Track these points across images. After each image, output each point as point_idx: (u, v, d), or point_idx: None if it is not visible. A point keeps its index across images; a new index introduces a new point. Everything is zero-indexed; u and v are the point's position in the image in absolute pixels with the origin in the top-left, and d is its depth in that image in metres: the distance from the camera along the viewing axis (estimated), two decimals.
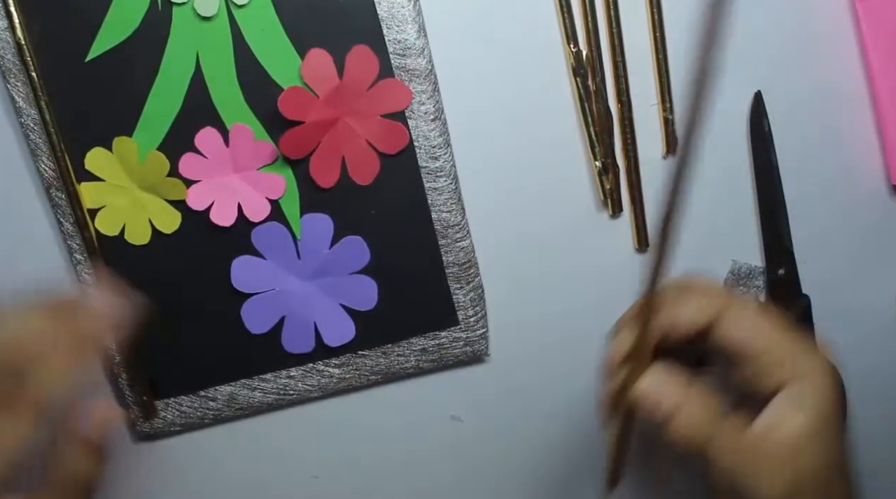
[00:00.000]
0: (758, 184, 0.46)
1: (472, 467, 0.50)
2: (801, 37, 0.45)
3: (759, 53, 0.45)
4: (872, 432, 0.52)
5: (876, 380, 0.51)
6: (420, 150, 0.43)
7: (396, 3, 0.41)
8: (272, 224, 0.43)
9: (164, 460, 0.48)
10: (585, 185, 0.46)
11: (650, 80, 0.44)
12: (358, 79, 0.41)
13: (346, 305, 0.45)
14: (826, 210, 0.48)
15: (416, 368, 0.46)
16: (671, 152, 0.45)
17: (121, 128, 0.42)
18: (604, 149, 0.44)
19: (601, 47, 0.43)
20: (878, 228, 0.48)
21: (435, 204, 0.44)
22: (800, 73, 0.45)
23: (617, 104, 0.44)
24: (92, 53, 0.41)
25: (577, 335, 0.48)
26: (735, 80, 0.45)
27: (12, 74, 0.40)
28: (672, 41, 0.44)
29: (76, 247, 0.43)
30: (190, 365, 0.45)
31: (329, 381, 0.46)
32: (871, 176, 0.47)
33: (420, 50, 0.41)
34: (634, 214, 0.46)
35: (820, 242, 0.48)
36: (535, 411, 0.49)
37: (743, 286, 0.48)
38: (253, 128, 0.42)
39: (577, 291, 0.47)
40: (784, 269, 0.47)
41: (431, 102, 0.42)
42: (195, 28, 0.41)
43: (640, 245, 0.46)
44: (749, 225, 0.47)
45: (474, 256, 0.45)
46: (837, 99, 0.46)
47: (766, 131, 0.45)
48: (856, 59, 0.45)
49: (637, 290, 0.48)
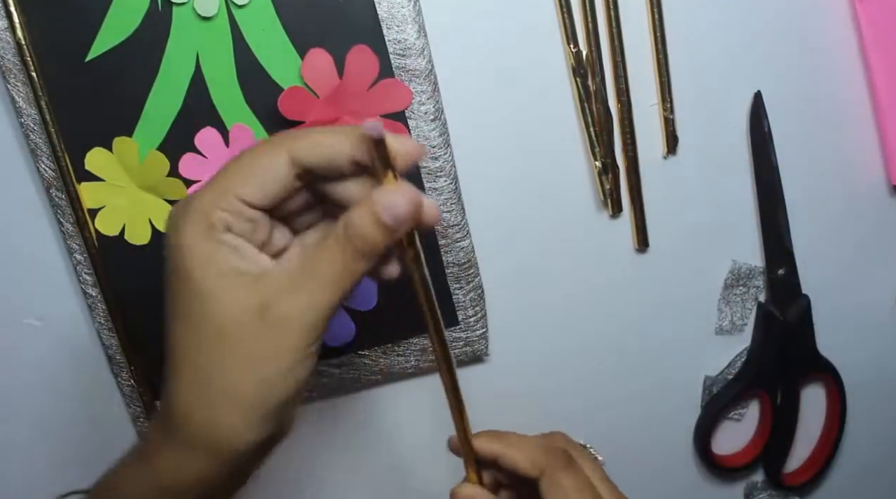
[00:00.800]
0: (758, 184, 0.46)
1: None
2: (801, 37, 0.45)
3: (759, 53, 0.45)
4: (872, 431, 0.53)
5: (876, 380, 0.51)
6: None
7: (396, 3, 0.41)
8: None
9: None
10: (585, 185, 0.46)
11: (650, 80, 0.44)
12: (358, 79, 0.41)
13: (346, 305, 0.45)
14: (826, 210, 0.48)
15: (416, 368, 0.46)
16: (671, 152, 0.45)
17: (121, 128, 0.42)
18: (604, 149, 0.44)
19: (601, 47, 0.43)
20: (878, 227, 0.48)
21: None
22: (800, 73, 0.45)
23: (617, 104, 0.44)
24: (92, 53, 0.41)
25: (577, 335, 0.48)
26: (735, 80, 0.45)
27: (12, 74, 0.40)
28: (672, 41, 0.44)
29: (76, 247, 0.43)
30: None
31: (329, 381, 0.46)
32: (870, 176, 0.47)
33: (420, 50, 0.41)
34: (634, 214, 0.46)
35: (820, 242, 0.48)
36: (534, 412, 0.49)
37: (743, 286, 0.48)
38: (253, 128, 0.42)
39: (577, 291, 0.47)
40: (784, 269, 0.47)
41: (431, 102, 0.42)
42: (195, 28, 0.41)
43: (639, 245, 0.46)
44: (749, 225, 0.47)
45: (474, 256, 0.45)
46: (837, 99, 0.46)
47: (766, 131, 0.45)
48: (855, 59, 0.45)
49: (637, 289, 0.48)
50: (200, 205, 0.28)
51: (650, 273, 0.47)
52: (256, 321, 0.28)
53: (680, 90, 0.44)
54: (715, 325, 0.49)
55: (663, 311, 0.48)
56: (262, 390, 0.28)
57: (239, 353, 0.28)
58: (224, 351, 0.28)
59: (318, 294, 0.28)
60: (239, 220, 0.28)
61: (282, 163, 0.28)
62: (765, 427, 0.50)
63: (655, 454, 0.51)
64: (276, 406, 0.28)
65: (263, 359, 0.28)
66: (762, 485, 0.52)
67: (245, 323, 0.28)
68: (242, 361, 0.28)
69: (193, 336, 0.28)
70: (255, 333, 0.28)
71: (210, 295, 0.28)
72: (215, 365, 0.28)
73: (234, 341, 0.28)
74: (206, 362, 0.28)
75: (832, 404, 0.51)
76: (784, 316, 0.48)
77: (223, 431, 0.28)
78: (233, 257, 0.28)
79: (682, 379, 0.50)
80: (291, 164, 0.28)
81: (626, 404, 0.50)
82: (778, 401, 0.49)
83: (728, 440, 0.51)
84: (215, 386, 0.28)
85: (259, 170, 0.28)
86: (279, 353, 0.28)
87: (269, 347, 0.28)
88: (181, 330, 0.29)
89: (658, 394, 0.50)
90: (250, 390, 0.28)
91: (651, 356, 0.49)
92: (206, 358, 0.28)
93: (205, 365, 0.28)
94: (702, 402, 0.50)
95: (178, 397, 0.29)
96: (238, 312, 0.28)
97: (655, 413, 0.50)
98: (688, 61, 0.44)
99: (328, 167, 0.29)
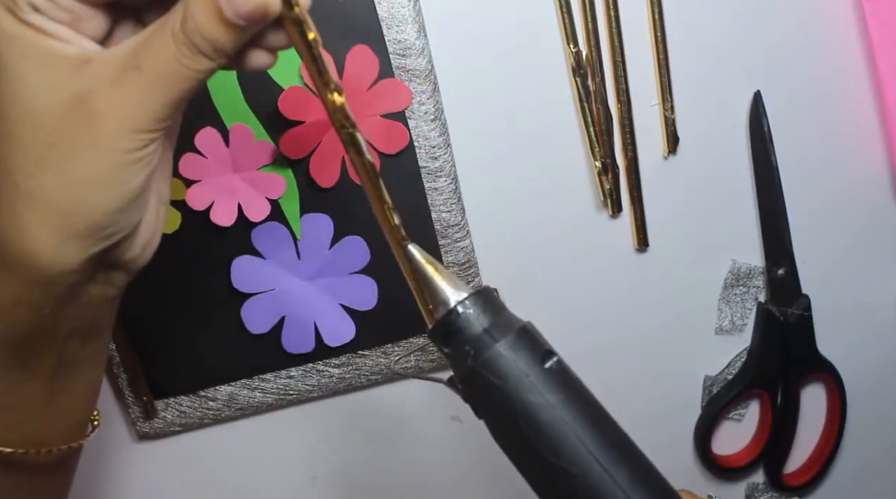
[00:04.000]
0: (758, 184, 0.46)
1: (472, 466, 0.50)
2: (801, 37, 0.45)
3: (759, 53, 0.45)
4: (872, 431, 0.53)
5: (876, 379, 0.51)
6: (420, 150, 0.43)
7: (396, 3, 0.41)
8: (272, 224, 0.43)
9: (164, 460, 0.48)
10: (585, 185, 0.46)
11: (650, 80, 0.44)
12: (358, 79, 0.41)
13: (346, 305, 0.45)
14: (826, 210, 0.48)
15: (416, 368, 0.46)
16: (672, 152, 0.45)
17: None
18: (604, 149, 0.44)
19: (601, 47, 0.43)
20: (878, 227, 0.48)
21: (435, 204, 0.44)
22: (800, 73, 0.45)
23: (617, 104, 0.44)
24: None
25: (577, 335, 0.48)
26: (735, 80, 0.45)
27: None
28: (672, 41, 0.44)
29: None
30: (190, 365, 0.45)
31: (329, 381, 0.46)
32: (871, 176, 0.47)
33: (420, 50, 0.41)
34: (634, 214, 0.46)
35: (820, 242, 0.48)
36: None
37: (743, 286, 0.48)
38: (253, 128, 0.42)
39: (577, 291, 0.47)
40: (784, 269, 0.47)
41: (431, 102, 0.42)
42: None
43: (639, 245, 0.46)
44: (749, 225, 0.47)
45: (474, 256, 0.45)
46: (838, 99, 0.46)
47: (766, 131, 0.45)
48: (855, 58, 0.45)
49: (637, 289, 0.48)
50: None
51: (650, 273, 0.47)
52: (72, 113, 0.24)
53: (680, 90, 0.44)
54: (715, 325, 0.49)
55: (663, 311, 0.48)
56: (74, 195, 0.24)
57: (50, 149, 0.24)
58: (34, 146, 0.24)
59: (145, 90, 0.24)
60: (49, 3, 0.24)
61: None
62: (765, 427, 0.50)
63: (655, 454, 0.50)
64: (95, 219, 0.24)
65: (77, 159, 0.24)
66: (762, 485, 0.52)
67: (58, 113, 0.24)
68: (53, 159, 0.24)
69: (5, 134, 0.24)
70: (69, 128, 0.24)
71: (20, 78, 0.24)
72: (25, 164, 0.24)
73: (44, 135, 0.24)
74: (17, 160, 0.24)
75: (832, 404, 0.51)
76: (784, 316, 0.48)
77: (31, 246, 0.24)
78: (46, 40, 0.24)
79: (681, 379, 0.50)
80: None
81: (626, 404, 0.49)
82: (778, 401, 0.49)
83: (728, 440, 0.51)
84: (24, 188, 0.24)
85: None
86: (96, 153, 0.24)
87: (84, 145, 0.24)
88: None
89: (658, 394, 0.50)
90: (60, 195, 0.24)
91: (651, 356, 0.49)
92: (18, 159, 0.24)
93: (15, 164, 0.24)
94: (702, 402, 0.50)
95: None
96: (50, 99, 0.24)
97: (655, 413, 0.50)
98: (688, 61, 0.44)
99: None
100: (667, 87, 0.44)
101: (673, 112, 0.44)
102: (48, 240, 0.24)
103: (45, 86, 0.24)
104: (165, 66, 0.24)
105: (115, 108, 0.24)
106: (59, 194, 0.24)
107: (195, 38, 0.24)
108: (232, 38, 0.24)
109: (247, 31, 0.24)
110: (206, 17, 0.24)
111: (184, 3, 0.24)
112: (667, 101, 0.44)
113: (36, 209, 0.24)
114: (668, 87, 0.44)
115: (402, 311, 0.45)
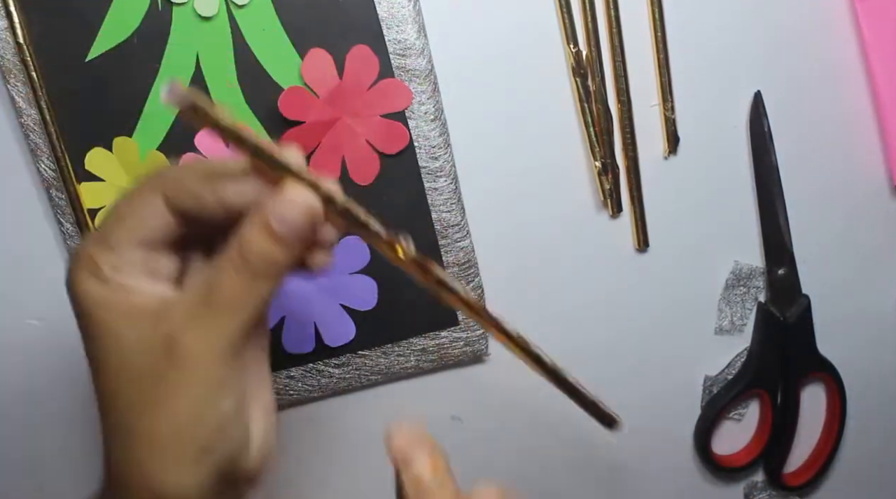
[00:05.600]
0: (758, 184, 0.46)
1: (472, 467, 0.50)
2: (801, 37, 0.45)
3: (759, 53, 0.45)
4: (872, 431, 0.52)
5: (876, 379, 0.51)
6: (420, 150, 0.43)
7: (396, 3, 0.41)
8: None
9: None
10: (585, 185, 0.46)
11: (650, 80, 0.44)
12: (358, 79, 0.41)
13: (346, 305, 0.45)
14: (826, 210, 0.48)
15: (416, 368, 0.46)
16: (672, 152, 0.45)
17: (121, 128, 0.42)
18: (604, 149, 0.44)
19: (601, 47, 0.43)
20: (879, 227, 0.48)
21: (435, 204, 0.44)
22: (800, 73, 0.45)
23: (617, 104, 0.44)
24: (92, 53, 0.41)
25: (577, 335, 0.48)
26: (735, 80, 0.45)
27: (12, 74, 0.40)
28: (672, 41, 0.44)
29: (76, 247, 0.43)
30: None
31: (329, 381, 0.46)
32: (871, 176, 0.47)
33: (420, 50, 0.41)
34: (634, 214, 0.46)
35: (820, 242, 0.48)
36: (534, 412, 0.49)
37: (743, 286, 0.48)
38: (253, 128, 0.42)
39: (577, 291, 0.47)
40: (784, 269, 0.47)
41: (431, 102, 0.42)
42: (195, 28, 0.41)
43: (639, 245, 0.46)
44: (749, 225, 0.47)
45: (474, 256, 0.45)
46: (838, 99, 0.46)
47: (766, 131, 0.45)
48: (856, 58, 0.45)
49: (636, 289, 0.48)
50: (85, 251, 0.27)
51: (650, 273, 0.47)
52: (164, 358, 0.26)
53: (680, 90, 0.44)
54: (715, 325, 0.49)
55: (663, 311, 0.48)
56: (180, 430, 0.26)
57: (152, 393, 0.26)
58: (138, 394, 0.26)
59: (221, 324, 0.26)
60: (124, 259, 0.27)
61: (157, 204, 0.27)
62: (765, 427, 0.50)
63: (655, 454, 0.51)
64: (204, 446, 0.26)
65: (176, 397, 0.26)
66: (762, 485, 0.52)
67: (152, 362, 0.26)
68: (156, 402, 0.26)
69: (110, 383, 0.27)
70: (163, 371, 0.26)
71: (115, 336, 0.26)
72: (134, 411, 0.26)
73: (144, 382, 0.26)
74: (122, 405, 0.27)
75: (832, 404, 0.51)
76: (784, 316, 0.48)
77: (155, 482, 0.26)
78: (127, 296, 0.26)
79: (681, 379, 0.50)
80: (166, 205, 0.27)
81: (626, 404, 0.49)
82: (778, 401, 0.49)
83: (728, 440, 0.51)
84: (136, 432, 0.26)
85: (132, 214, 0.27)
86: (191, 389, 0.26)
87: (179, 384, 0.26)
88: (100, 379, 0.27)
89: (658, 394, 0.50)
90: (168, 432, 0.26)
91: (651, 356, 0.49)
92: (124, 403, 0.27)
93: (121, 409, 0.27)
94: (702, 402, 0.50)
95: (111, 454, 0.27)
96: (143, 351, 0.26)
97: (655, 413, 0.50)
98: (688, 61, 0.44)
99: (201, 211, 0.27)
100: (667, 87, 0.44)
101: (673, 112, 0.44)
102: (169, 471, 0.26)
103: (137, 339, 0.26)
104: (231, 296, 0.26)
105: (198, 346, 0.26)
106: (167, 432, 0.26)
107: (253, 260, 0.26)
108: (287, 254, 0.26)
109: (298, 243, 0.26)
110: (257, 236, 0.26)
111: (239, 231, 0.26)
112: (667, 101, 0.44)
113: (149, 447, 0.26)
114: (668, 87, 0.44)
115: (402, 311, 0.45)
